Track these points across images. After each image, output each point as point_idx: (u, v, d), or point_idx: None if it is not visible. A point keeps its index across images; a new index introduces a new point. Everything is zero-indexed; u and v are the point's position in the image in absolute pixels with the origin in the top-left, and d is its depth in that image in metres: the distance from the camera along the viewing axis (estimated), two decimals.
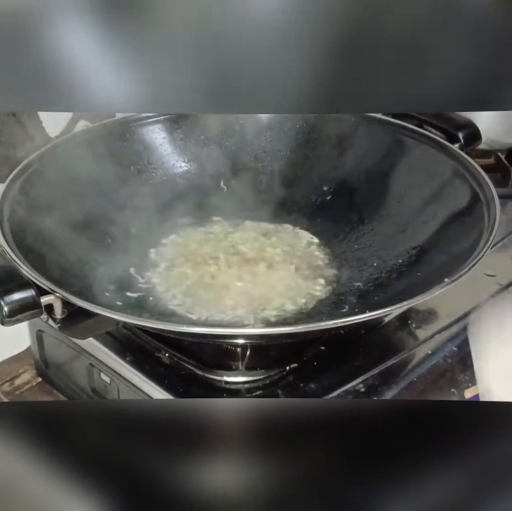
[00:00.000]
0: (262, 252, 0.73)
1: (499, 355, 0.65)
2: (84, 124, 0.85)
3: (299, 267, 0.71)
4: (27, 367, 0.76)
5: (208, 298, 0.67)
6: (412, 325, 0.66)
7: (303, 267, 0.71)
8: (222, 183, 0.80)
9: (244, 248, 0.73)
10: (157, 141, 0.80)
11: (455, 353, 0.65)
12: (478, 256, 0.58)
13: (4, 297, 0.52)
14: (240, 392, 0.60)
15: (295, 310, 0.66)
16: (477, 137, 0.77)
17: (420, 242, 0.68)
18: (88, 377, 0.67)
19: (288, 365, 0.61)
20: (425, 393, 0.62)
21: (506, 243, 0.77)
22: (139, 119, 0.79)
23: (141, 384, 0.61)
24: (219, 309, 0.66)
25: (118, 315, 0.55)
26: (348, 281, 0.69)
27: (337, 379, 0.60)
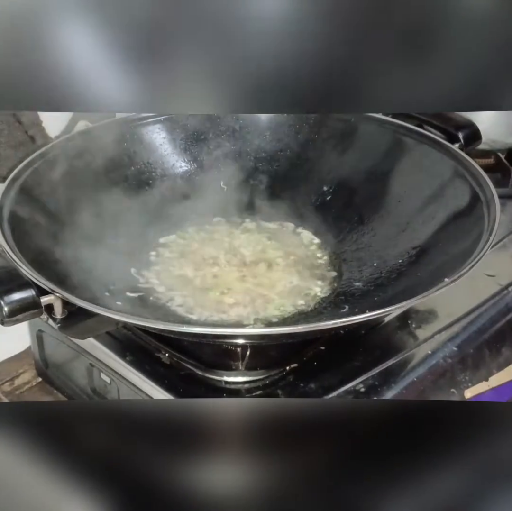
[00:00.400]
0: (262, 252, 0.73)
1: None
2: (84, 124, 0.84)
3: (299, 267, 0.71)
4: (27, 367, 0.76)
5: (208, 298, 0.67)
6: (412, 325, 0.66)
7: (303, 267, 0.71)
8: (222, 183, 0.80)
9: (244, 249, 0.73)
10: (157, 141, 0.80)
11: (455, 353, 0.65)
12: (478, 256, 0.58)
13: (4, 297, 0.52)
14: (240, 392, 0.60)
15: (295, 310, 0.66)
16: (477, 137, 0.77)
17: (420, 242, 0.68)
18: (88, 377, 0.67)
19: (288, 365, 0.61)
20: (425, 393, 0.62)
21: (506, 243, 0.77)
22: (139, 119, 0.79)
23: (141, 384, 0.60)
24: (219, 309, 0.66)
25: (118, 315, 0.55)
26: (348, 281, 0.69)
27: (337, 379, 0.60)
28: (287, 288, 0.68)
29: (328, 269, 0.71)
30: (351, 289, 0.68)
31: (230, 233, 0.76)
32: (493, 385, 0.68)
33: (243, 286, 0.68)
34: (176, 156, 0.81)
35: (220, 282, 0.69)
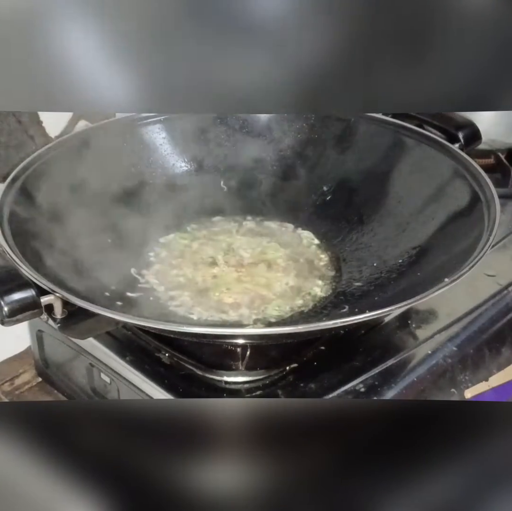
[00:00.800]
0: (262, 252, 0.73)
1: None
2: (84, 124, 0.85)
3: (299, 267, 0.71)
4: (27, 367, 0.76)
5: (208, 298, 0.67)
6: (412, 325, 0.66)
7: (302, 268, 0.71)
8: (222, 183, 0.80)
9: (244, 249, 0.73)
10: (157, 141, 0.80)
11: (455, 353, 0.65)
12: (478, 256, 0.58)
13: (4, 297, 0.52)
14: (240, 392, 0.60)
15: (294, 310, 0.66)
16: (477, 137, 0.77)
17: (420, 242, 0.68)
18: (88, 377, 0.67)
19: (288, 365, 0.61)
20: (425, 393, 0.62)
21: (506, 243, 0.77)
22: (139, 119, 0.79)
23: (141, 384, 0.60)
24: (219, 309, 0.66)
25: (118, 315, 0.55)
26: (348, 281, 0.69)
27: (337, 379, 0.60)
28: (286, 288, 0.68)
29: (328, 269, 0.71)
30: (351, 289, 0.68)
31: (230, 233, 0.76)
32: (493, 385, 0.68)
33: (243, 286, 0.68)
34: (176, 156, 0.81)
35: (219, 282, 0.69)
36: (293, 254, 0.73)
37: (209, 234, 0.76)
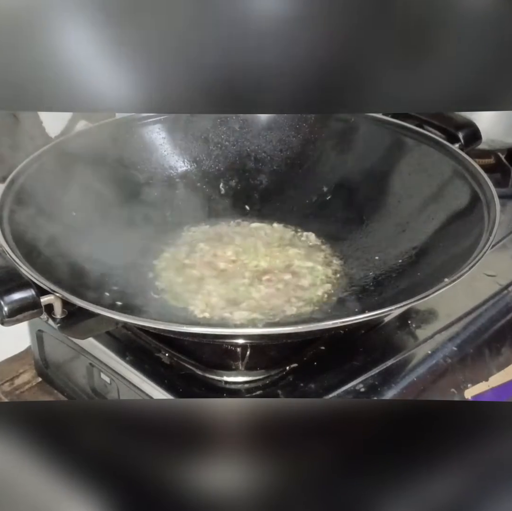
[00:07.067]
0: (262, 253, 0.73)
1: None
2: (84, 124, 0.85)
3: (299, 267, 0.71)
4: (27, 367, 0.76)
5: (208, 298, 0.67)
6: (412, 325, 0.66)
7: (303, 268, 0.71)
8: (222, 184, 0.80)
9: (244, 249, 0.73)
10: (157, 141, 0.80)
11: (455, 353, 0.65)
12: (478, 256, 0.58)
13: (4, 297, 0.52)
14: (240, 392, 0.60)
15: (295, 310, 0.66)
16: (477, 137, 0.77)
17: (420, 242, 0.68)
18: (88, 377, 0.67)
19: (288, 365, 0.61)
20: (425, 393, 0.62)
21: (506, 243, 0.77)
22: (139, 119, 0.79)
23: (141, 384, 0.60)
24: (219, 309, 0.66)
25: (118, 315, 0.55)
26: (348, 281, 0.69)
27: (337, 379, 0.60)
28: (287, 288, 0.68)
29: (328, 269, 0.71)
30: (351, 289, 0.68)
31: (230, 233, 0.76)
32: (493, 385, 0.68)
33: (243, 286, 0.68)
34: (176, 156, 0.81)
35: (220, 283, 0.69)
36: (293, 254, 0.73)
37: (208, 234, 0.76)
